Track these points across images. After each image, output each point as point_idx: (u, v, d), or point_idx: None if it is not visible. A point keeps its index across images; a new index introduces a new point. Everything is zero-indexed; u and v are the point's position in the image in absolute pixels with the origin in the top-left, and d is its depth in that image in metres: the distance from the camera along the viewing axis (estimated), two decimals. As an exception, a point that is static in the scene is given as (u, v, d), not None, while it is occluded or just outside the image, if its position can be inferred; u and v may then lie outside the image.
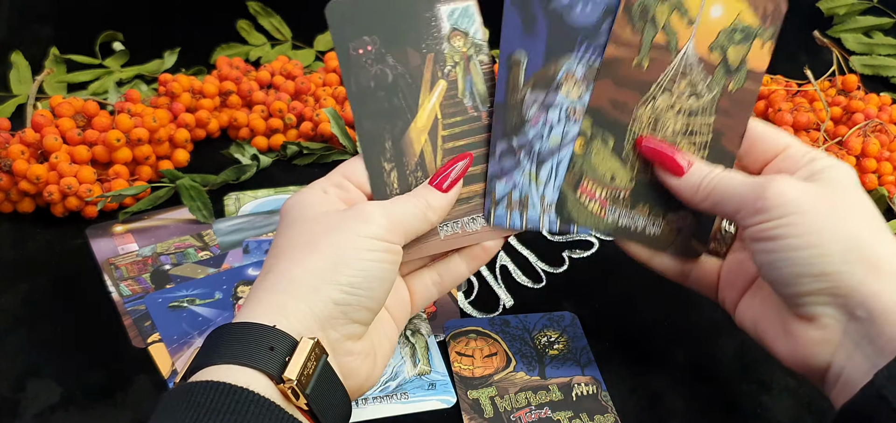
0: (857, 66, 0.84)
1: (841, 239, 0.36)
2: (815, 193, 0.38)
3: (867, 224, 0.37)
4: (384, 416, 0.46)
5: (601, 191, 0.42)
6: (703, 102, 0.42)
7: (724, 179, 0.40)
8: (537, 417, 0.46)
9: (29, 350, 0.49)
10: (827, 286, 0.36)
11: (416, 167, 0.42)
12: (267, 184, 0.66)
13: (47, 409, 0.45)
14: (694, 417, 0.47)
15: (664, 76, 0.42)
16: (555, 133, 0.42)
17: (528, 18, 0.41)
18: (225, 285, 0.55)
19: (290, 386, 0.33)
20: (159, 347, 0.50)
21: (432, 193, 0.41)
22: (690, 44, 0.42)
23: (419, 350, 0.50)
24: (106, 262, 0.56)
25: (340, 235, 0.37)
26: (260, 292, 0.36)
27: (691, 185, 0.41)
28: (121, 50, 0.80)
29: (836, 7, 0.87)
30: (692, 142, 0.43)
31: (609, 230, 0.43)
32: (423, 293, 0.43)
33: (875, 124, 0.69)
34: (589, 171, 0.42)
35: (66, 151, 0.59)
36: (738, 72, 0.42)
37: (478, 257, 0.44)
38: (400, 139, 0.42)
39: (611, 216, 0.43)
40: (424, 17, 0.42)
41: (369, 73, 0.42)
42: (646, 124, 0.42)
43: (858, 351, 0.36)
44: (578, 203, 0.42)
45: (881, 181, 0.67)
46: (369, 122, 0.42)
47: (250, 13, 0.83)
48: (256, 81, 0.73)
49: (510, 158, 0.42)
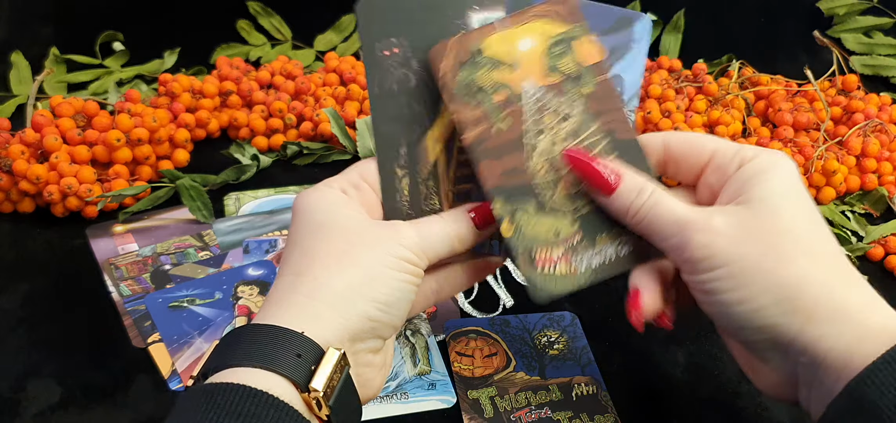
0: (857, 67, 0.84)
1: (772, 289, 0.35)
2: (743, 230, 0.36)
3: (799, 259, 0.35)
4: (384, 416, 0.46)
5: (556, 251, 0.40)
6: (576, 120, 0.41)
7: (654, 211, 0.38)
8: (537, 417, 0.46)
9: (29, 350, 0.49)
10: (767, 338, 0.36)
11: (429, 176, 0.41)
12: (267, 184, 0.66)
13: (47, 409, 0.45)
14: (694, 417, 0.47)
15: (527, 124, 0.41)
16: None
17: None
18: (225, 285, 0.55)
19: (316, 397, 0.32)
20: (159, 347, 0.50)
21: (467, 225, 0.40)
22: (527, 82, 0.41)
23: (419, 350, 0.50)
24: (106, 262, 0.57)
25: (377, 252, 0.36)
26: (295, 294, 0.35)
27: (622, 205, 0.39)
28: (121, 50, 0.80)
29: (836, 7, 0.87)
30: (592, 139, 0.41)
31: (589, 279, 0.41)
32: (422, 301, 0.42)
33: (875, 124, 0.69)
34: (533, 241, 0.40)
35: (67, 151, 0.59)
36: (582, 76, 0.41)
37: (482, 272, 0.43)
38: (415, 146, 0.41)
39: (582, 266, 0.41)
40: (455, 24, 0.41)
41: (393, 75, 0.41)
42: (545, 171, 0.41)
43: (814, 388, 0.36)
44: (546, 277, 0.40)
45: (881, 181, 0.67)
46: (387, 125, 0.41)
47: (250, 13, 0.83)
48: (256, 81, 0.73)
49: None
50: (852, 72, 0.82)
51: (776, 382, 0.38)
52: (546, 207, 0.40)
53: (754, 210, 0.36)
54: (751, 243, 0.35)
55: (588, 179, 0.40)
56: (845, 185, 0.65)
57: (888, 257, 0.60)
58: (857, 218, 0.64)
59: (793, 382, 0.37)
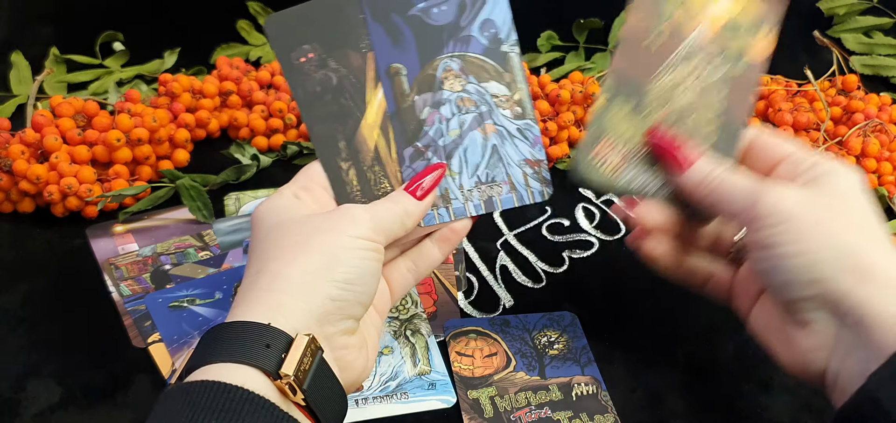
0: (857, 67, 0.84)
1: (832, 246, 0.37)
2: (811, 199, 0.38)
3: (862, 231, 0.38)
4: (384, 416, 0.46)
5: (616, 151, 0.44)
6: (709, 82, 0.44)
7: (725, 182, 0.41)
8: (537, 417, 0.46)
9: (29, 350, 0.49)
10: (818, 293, 0.37)
11: (373, 162, 0.43)
12: (267, 184, 0.66)
13: (47, 409, 0.45)
14: (694, 417, 0.47)
15: (678, 53, 0.44)
16: (452, 126, 0.44)
17: (393, 30, 0.43)
18: (225, 285, 0.55)
19: (288, 382, 0.33)
20: (159, 347, 0.50)
21: (409, 200, 0.42)
22: (698, 30, 0.44)
23: (419, 350, 0.50)
24: (106, 262, 0.57)
25: (331, 235, 0.38)
26: (254, 291, 0.36)
27: (693, 182, 0.42)
28: (121, 50, 0.80)
29: (836, 7, 0.87)
30: (705, 114, 0.44)
31: (621, 189, 0.44)
32: (401, 282, 0.44)
33: (875, 124, 0.69)
34: (609, 129, 0.44)
35: (67, 151, 0.59)
36: (739, 60, 0.45)
37: (448, 240, 0.45)
38: (353, 138, 0.43)
39: (624, 177, 0.44)
40: (358, 18, 0.43)
41: (314, 79, 0.43)
42: (661, 94, 0.44)
43: (851, 356, 0.36)
44: (591, 165, 0.44)
45: (881, 181, 0.67)
46: (320, 125, 0.43)
47: (250, 13, 0.83)
48: (256, 81, 0.73)
49: (420, 160, 0.44)
50: (852, 72, 0.82)
51: (810, 347, 0.38)
52: (639, 115, 0.44)
53: (822, 191, 0.39)
54: (817, 208, 0.38)
55: (666, 156, 0.43)
56: (845, 185, 0.65)
57: (888, 257, 0.60)
58: (857, 218, 0.64)
59: (827, 347, 0.37)
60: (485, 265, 0.58)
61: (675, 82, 0.44)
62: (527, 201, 0.44)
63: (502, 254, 0.59)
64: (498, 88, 0.44)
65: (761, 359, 0.51)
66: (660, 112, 0.44)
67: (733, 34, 0.45)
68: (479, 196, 0.44)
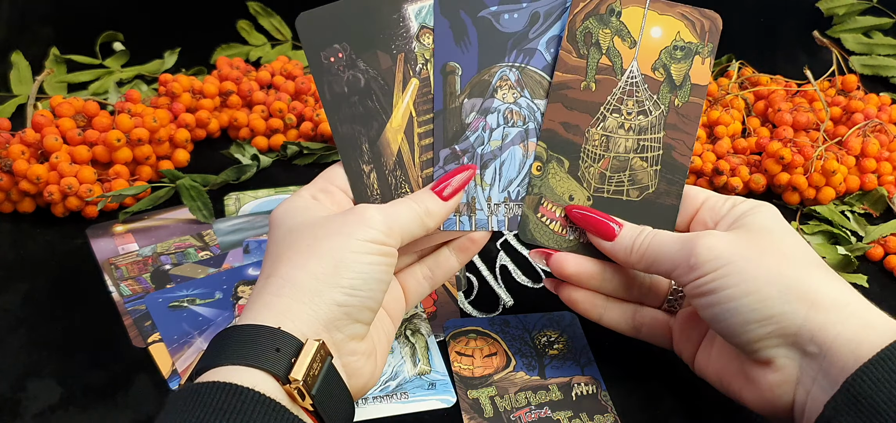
0: (857, 67, 0.84)
1: (775, 281, 0.37)
2: (742, 241, 0.38)
3: (797, 261, 0.38)
4: (384, 416, 0.46)
5: (560, 211, 0.44)
6: (651, 119, 0.44)
7: (655, 241, 0.41)
8: (537, 416, 0.46)
9: (29, 350, 0.49)
10: (774, 329, 0.37)
11: (395, 166, 0.43)
12: (267, 184, 0.66)
13: (47, 409, 0.45)
14: (694, 417, 0.47)
15: (612, 97, 0.43)
16: (494, 136, 0.44)
17: (458, 28, 0.43)
18: (225, 284, 0.55)
19: (297, 387, 0.33)
20: (159, 347, 0.50)
21: (433, 200, 0.41)
22: (634, 64, 0.43)
23: (419, 350, 0.50)
24: (106, 262, 0.57)
25: (340, 238, 0.37)
26: (263, 295, 0.36)
27: (624, 247, 0.42)
28: (121, 50, 0.80)
29: (836, 7, 0.87)
30: (644, 158, 0.44)
31: (571, 247, 0.45)
32: (416, 289, 0.44)
33: (874, 124, 0.69)
34: (548, 192, 0.44)
35: (67, 151, 0.60)
36: (682, 87, 0.44)
37: (467, 250, 0.44)
38: (376, 141, 0.43)
39: (571, 235, 0.44)
40: (392, 19, 0.43)
41: (342, 79, 0.43)
42: (598, 144, 0.44)
43: (816, 385, 0.36)
44: (540, 223, 0.44)
45: (881, 181, 0.67)
46: (345, 126, 0.43)
47: (250, 13, 0.83)
48: (256, 81, 0.73)
49: (454, 164, 0.43)
50: (852, 72, 0.82)
51: (774, 384, 0.38)
52: (577, 173, 0.44)
53: (751, 231, 0.39)
54: (752, 247, 0.38)
55: (592, 227, 0.43)
56: (845, 185, 0.65)
57: (888, 257, 0.60)
58: (856, 218, 0.64)
59: (792, 381, 0.37)
60: (485, 265, 0.58)
61: (613, 128, 0.44)
62: None
63: (502, 254, 0.59)
64: None
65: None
66: (599, 163, 0.44)
67: (667, 66, 0.44)
68: (505, 212, 0.44)
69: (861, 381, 0.33)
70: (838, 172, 0.64)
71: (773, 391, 0.38)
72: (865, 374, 0.33)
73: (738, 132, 0.71)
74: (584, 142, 0.43)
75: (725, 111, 0.70)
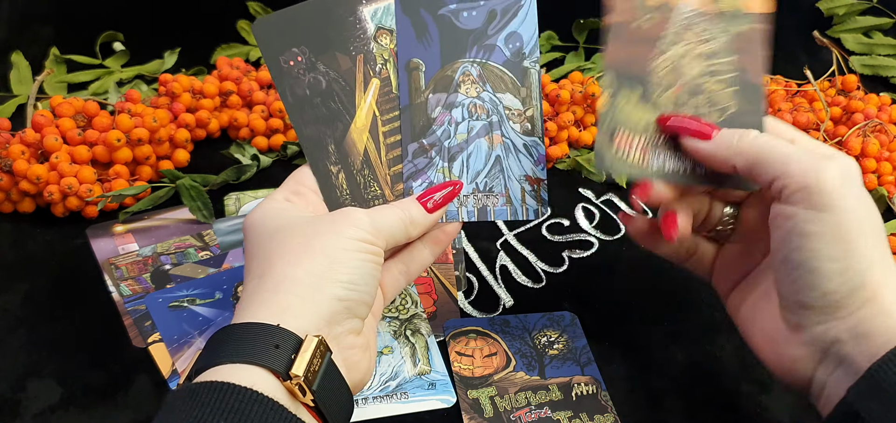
0: (857, 67, 0.84)
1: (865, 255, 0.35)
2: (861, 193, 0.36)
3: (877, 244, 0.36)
4: (384, 416, 0.46)
5: (638, 139, 0.42)
6: (716, 45, 0.43)
7: (763, 140, 0.38)
8: (537, 416, 0.46)
9: (29, 350, 0.49)
10: (830, 309, 0.36)
11: (363, 166, 0.43)
12: (267, 184, 0.66)
13: (47, 409, 0.45)
14: (694, 417, 0.47)
15: (668, 32, 0.43)
16: (460, 130, 0.44)
17: (419, 26, 0.44)
18: (225, 284, 0.55)
19: (297, 383, 0.33)
20: (159, 347, 0.50)
21: (417, 209, 0.42)
22: (683, 3, 0.43)
23: (419, 350, 0.50)
24: (106, 262, 0.57)
25: (332, 237, 0.38)
26: (260, 293, 0.36)
27: (725, 145, 0.39)
28: (121, 50, 0.80)
29: (836, 7, 0.87)
30: (719, 80, 0.43)
31: (656, 175, 0.42)
32: (393, 284, 0.44)
33: (875, 124, 0.69)
34: (622, 122, 0.42)
35: (67, 151, 0.60)
36: (740, 17, 0.43)
37: (440, 242, 0.45)
38: (342, 141, 0.43)
39: (656, 163, 0.42)
40: (348, 21, 0.43)
41: (303, 82, 0.43)
42: (666, 72, 0.43)
43: (840, 369, 0.36)
44: (618, 157, 0.42)
45: (881, 181, 0.67)
46: (309, 128, 0.43)
47: (250, 13, 0.83)
48: (257, 81, 0.73)
49: (422, 157, 0.44)
50: (852, 72, 0.82)
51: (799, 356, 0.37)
52: (650, 101, 0.42)
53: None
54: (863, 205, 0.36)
55: (687, 131, 0.41)
56: (845, 185, 0.65)
57: (888, 257, 0.60)
58: (856, 218, 0.64)
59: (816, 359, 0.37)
60: (485, 265, 0.58)
61: (678, 56, 0.43)
62: (520, 217, 0.44)
63: (502, 254, 0.59)
64: (512, 101, 0.44)
65: (761, 359, 0.51)
66: (671, 90, 0.42)
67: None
68: (474, 203, 0.44)
69: (886, 368, 0.33)
70: (838, 172, 0.64)
71: (794, 362, 0.38)
72: (891, 362, 0.33)
73: (738, 132, 0.71)
74: (650, 73, 0.42)
75: (725, 111, 0.70)
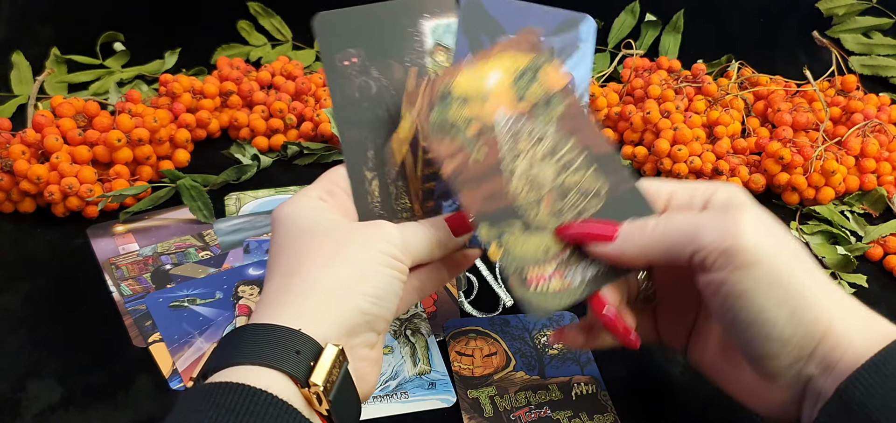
0: (857, 67, 0.84)
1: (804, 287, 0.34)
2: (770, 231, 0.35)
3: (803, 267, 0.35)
4: (384, 415, 0.46)
5: (547, 268, 0.40)
6: (551, 139, 0.42)
7: (672, 222, 0.37)
8: (537, 416, 0.46)
9: (29, 350, 0.49)
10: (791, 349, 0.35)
11: (397, 177, 0.43)
12: (267, 184, 0.66)
13: (47, 409, 0.45)
14: (694, 417, 0.47)
15: (503, 150, 0.41)
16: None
17: (476, 47, 0.43)
18: (226, 284, 0.55)
19: (316, 392, 0.33)
20: (160, 347, 0.50)
21: (445, 232, 0.41)
22: (499, 112, 0.42)
23: (419, 350, 0.50)
24: (107, 262, 0.57)
25: (364, 249, 0.37)
26: (287, 293, 0.36)
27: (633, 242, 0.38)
28: (121, 50, 0.80)
29: (836, 7, 0.87)
30: (575, 170, 0.41)
31: (585, 291, 0.40)
32: (406, 300, 0.42)
33: (874, 125, 0.69)
34: (523, 260, 0.40)
35: (67, 151, 0.60)
36: (551, 101, 0.42)
37: (460, 265, 0.44)
38: (382, 149, 0.43)
39: (577, 280, 0.40)
40: (408, 31, 0.43)
41: (354, 84, 0.42)
42: (527, 191, 0.41)
43: (820, 401, 0.35)
44: (540, 294, 0.40)
45: (880, 181, 0.67)
46: (353, 131, 0.42)
47: (251, 13, 0.83)
48: (257, 82, 0.73)
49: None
50: (851, 72, 0.82)
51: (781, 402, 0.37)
52: (532, 226, 0.40)
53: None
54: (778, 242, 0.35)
55: (589, 236, 0.39)
56: (844, 185, 0.65)
57: (887, 257, 0.60)
58: (856, 218, 0.64)
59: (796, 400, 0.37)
60: (485, 265, 0.58)
61: (527, 170, 0.41)
62: None
63: (502, 254, 0.59)
64: None
65: (761, 359, 0.51)
66: (543, 205, 0.41)
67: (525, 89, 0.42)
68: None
69: (853, 388, 0.33)
70: (838, 173, 0.64)
71: (779, 407, 0.38)
72: (857, 381, 0.33)
73: (737, 132, 0.71)
74: (513, 200, 0.41)
75: (725, 111, 0.70)
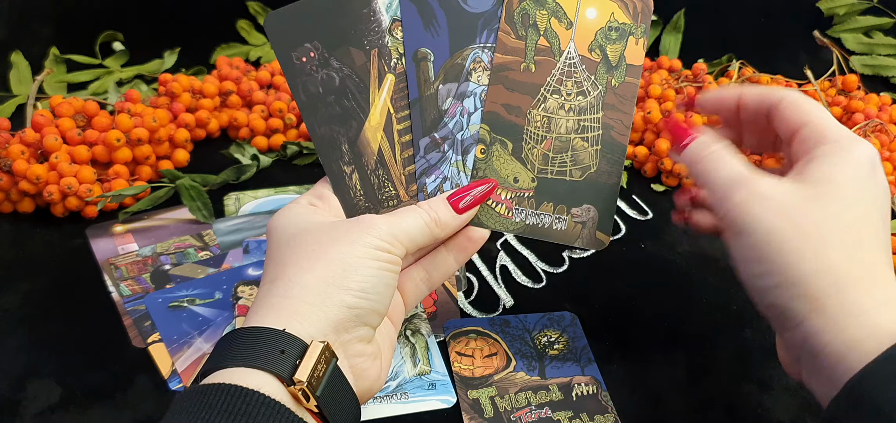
0: (857, 66, 0.84)
1: (786, 272, 0.35)
2: (781, 208, 0.36)
3: (830, 252, 0.35)
4: (384, 416, 0.46)
5: (506, 193, 0.43)
6: (590, 100, 0.44)
7: (712, 161, 0.40)
8: (537, 417, 0.46)
9: (29, 350, 0.49)
10: (777, 316, 0.37)
11: (377, 166, 0.42)
12: (267, 184, 0.66)
13: (47, 409, 0.45)
14: (694, 417, 0.47)
15: (551, 78, 0.43)
16: (473, 121, 0.43)
17: (426, 13, 0.42)
18: (225, 284, 0.55)
19: (301, 388, 0.33)
20: (159, 347, 0.50)
21: (446, 210, 0.41)
22: (572, 45, 0.43)
23: (419, 350, 0.50)
24: (106, 262, 0.57)
25: (347, 244, 0.37)
26: (269, 297, 0.37)
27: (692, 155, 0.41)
28: (121, 50, 0.80)
29: (836, 7, 0.87)
30: (585, 138, 0.44)
31: (518, 230, 0.44)
32: (414, 292, 0.43)
33: (875, 124, 0.69)
34: (492, 175, 0.43)
35: (66, 151, 0.59)
36: (617, 68, 0.44)
37: (465, 249, 0.43)
38: (356, 141, 0.42)
39: (518, 216, 0.43)
40: (362, 13, 0.42)
41: (316, 79, 0.42)
42: (539, 125, 0.43)
43: (813, 379, 0.36)
44: (486, 207, 0.43)
45: (881, 181, 0.67)
46: (323, 128, 0.42)
47: (250, 13, 0.83)
48: (256, 81, 0.73)
49: (435, 151, 0.43)
50: (852, 72, 0.82)
51: (785, 357, 0.39)
52: (521, 154, 0.43)
53: (806, 191, 0.36)
54: (785, 220, 0.36)
55: (673, 133, 0.42)
56: (845, 185, 0.65)
57: (888, 256, 0.60)
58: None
59: (797, 361, 0.38)
60: (485, 265, 0.58)
61: (553, 109, 0.43)
62: None
63: (502, 254, 0.59)
64: None
65: (761, 359, 0.51)
66: (541, 145, 0.43)
67: (603, 47, 0.43)
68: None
69: (863, 383, 0.33)
70: (838, 172, 0.64)
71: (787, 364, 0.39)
72: (868, 375, 0.33)
73: (738, 132, 0.71)
74: (526, 123, 0.43)
75: (726, 111, 0.70)
